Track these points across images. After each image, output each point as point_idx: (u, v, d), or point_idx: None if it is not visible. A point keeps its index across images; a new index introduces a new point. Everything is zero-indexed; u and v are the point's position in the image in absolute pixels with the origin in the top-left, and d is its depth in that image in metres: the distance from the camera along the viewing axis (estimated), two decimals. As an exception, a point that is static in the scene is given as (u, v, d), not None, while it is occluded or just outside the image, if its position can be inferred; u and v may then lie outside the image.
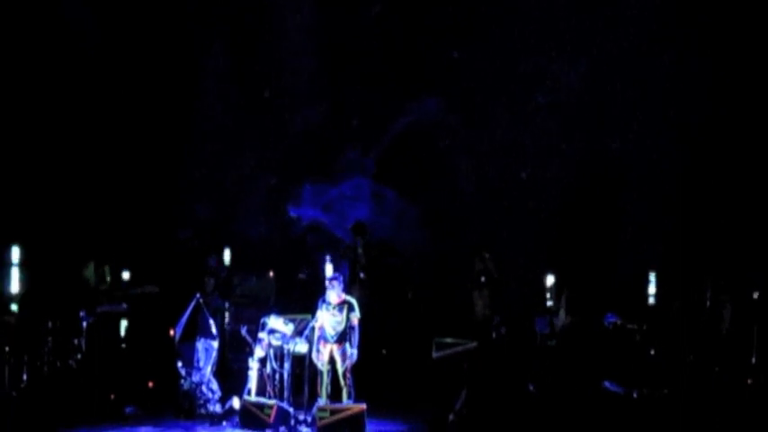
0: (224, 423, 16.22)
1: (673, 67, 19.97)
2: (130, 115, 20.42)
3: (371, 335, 17.35)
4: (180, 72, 20.84)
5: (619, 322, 18.01)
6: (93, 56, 20.26)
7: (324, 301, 16.00)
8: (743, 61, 19.54)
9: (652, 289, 19.07)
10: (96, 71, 20.25)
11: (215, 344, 17.09)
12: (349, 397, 15.84)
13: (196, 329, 16.99)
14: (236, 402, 16.32)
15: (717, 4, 19.68)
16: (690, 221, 19.72)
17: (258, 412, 15.73)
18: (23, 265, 18.08)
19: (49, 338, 17.22)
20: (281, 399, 15.85)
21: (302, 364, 16.10)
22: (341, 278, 16.24)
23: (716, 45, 19.50)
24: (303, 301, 17.58)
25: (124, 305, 18.52)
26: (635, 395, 16.62)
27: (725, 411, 15.88)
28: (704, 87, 19.49)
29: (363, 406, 15.57)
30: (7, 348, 16.77)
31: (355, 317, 15.93)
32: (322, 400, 15.80)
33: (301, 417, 15.76)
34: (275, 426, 15.54)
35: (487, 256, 19.67)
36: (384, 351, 19.01)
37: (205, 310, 17.19)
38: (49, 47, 19.85)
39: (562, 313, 18.63)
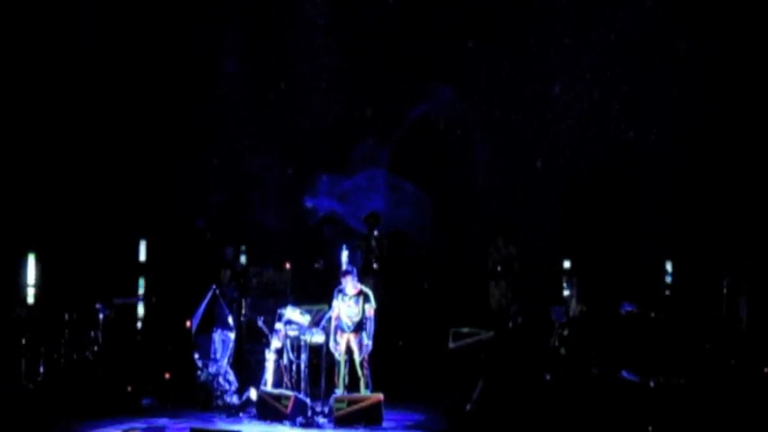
0: (241, 414, 16.18)
1: (689, 53, 19.90)
2: (146, 106, 20.40)
3: (388, 325, 17.35)
4: (196, 64, 20.82)
5: (635, 311, 17.97)
6: (107, 50, 20.26)
7: (340, 291, 16.01)
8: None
9: (669, 278, 19.04)
10: (111, 63, 20.25)
11: (232, 335, 17.10)
12: (366, 387, 15.85)
13: (213, 321, 16.99)
14: (252, 394, 16.30)
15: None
16: (707, 210, 19.66)
17: (275, 403, 15.68)
18: (39, 256, 18.12)
19: (66, 331, 17.26)
20: (298, 390, 15.82)
21: (319, 355, 16.11)
22: (354, 271, 16.22)
23: (734, 30, 19.43)
24: (319, 292, 17.58)
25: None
26: (651, 384, 16.59)
27: (742, 401, 15.84)
28: (721, 75, 19.41)
29: (381, 396, 15.57)
30: (24, 341, 16.82)
31: (371, 307, 15.93)
32: (339, 391, 15.82)
33: (318, 407, 15.76)
34: (292, 417, 15.50)
35: (502, 243, 19.65)
36: (401, 341, 19.00)
37: (221, 301, 17.20)
38: (62, 43, 19.86)
39: (574, 302, 18.62)
